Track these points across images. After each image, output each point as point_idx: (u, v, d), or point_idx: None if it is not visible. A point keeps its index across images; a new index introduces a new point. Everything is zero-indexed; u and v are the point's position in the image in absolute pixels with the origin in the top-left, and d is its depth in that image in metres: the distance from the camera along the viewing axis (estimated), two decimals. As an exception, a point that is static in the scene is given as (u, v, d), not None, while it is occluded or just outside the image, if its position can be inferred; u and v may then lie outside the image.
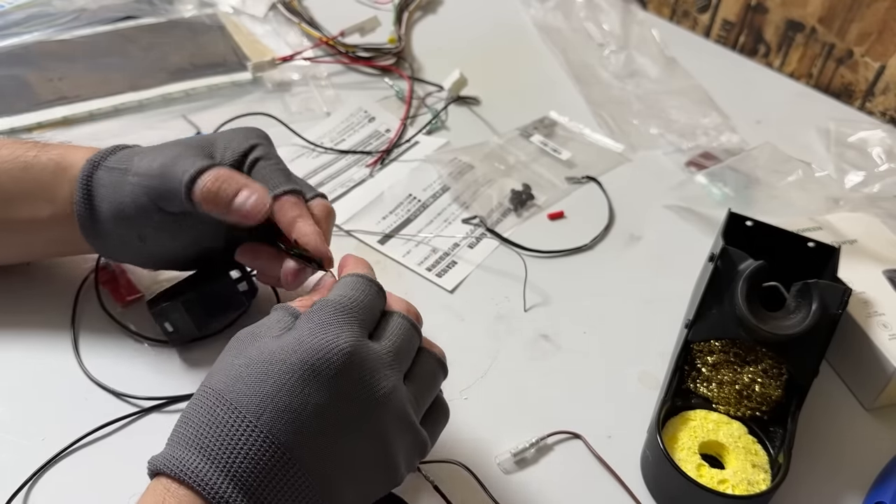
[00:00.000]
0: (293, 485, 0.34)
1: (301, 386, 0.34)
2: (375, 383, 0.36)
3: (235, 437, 0.33)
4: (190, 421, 0.35)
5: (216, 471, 0.33)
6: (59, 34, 0.72)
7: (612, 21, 0.86)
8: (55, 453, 0.44)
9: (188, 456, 0.33)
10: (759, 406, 0.49)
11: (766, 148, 0.71)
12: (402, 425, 0.37)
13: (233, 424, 0.33)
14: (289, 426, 0.34)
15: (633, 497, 0.47)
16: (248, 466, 0.33)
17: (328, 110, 0.72)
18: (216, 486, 0.32)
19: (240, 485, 0.33)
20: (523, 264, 0.59)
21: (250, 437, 0.33)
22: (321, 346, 0.35)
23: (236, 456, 0.33)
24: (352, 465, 0.35)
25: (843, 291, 0.49)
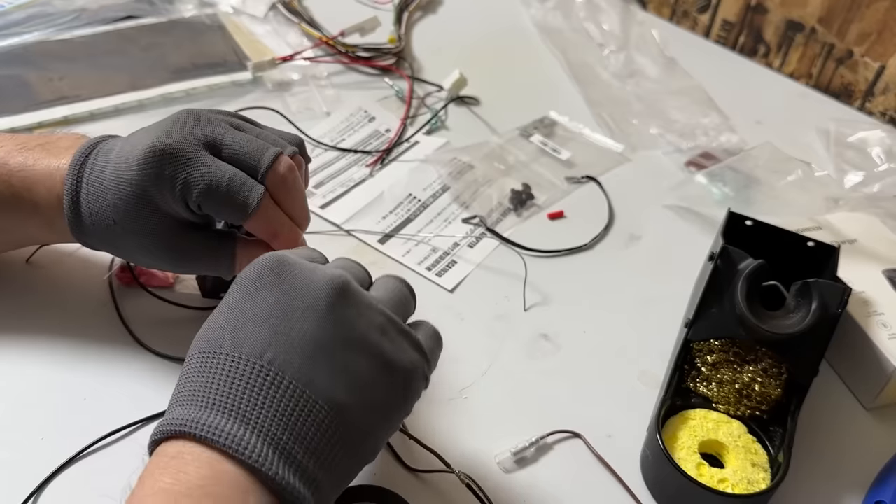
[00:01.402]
0: (314, 419, 0.33)
1: (300, 321, 0.34)
2: (361, 302, 0.36)
3: (250, 384, 0.32)
4: (193, 377, 0.33)
5: (240, 424, 0.31)
6: (60, 34, 0.72)
7: (611, 21, 0.86)
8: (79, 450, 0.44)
9: (208, 415, 0.31)
10: (759, 405, 0.49)
11: (765, 148, 0.71)
12: (377, 314, 0.36)
13: (244, 372, 0.32)
14: (294, 358, 0.33)
15: (632, 496, 0.47)
16: (269, 413, 0.32)
17: (328, 110, 0.72)
18: (245, 441, 0.31)
19: (261, 431, 0.31)
20: (523, 264, 0.59)
21: (262, 378, 0.32)
22: (310, 281, 0.35)
23: (258, 406, 0.32)
24: (358, 383, 0.34)
25: (842, 291, 0.50)
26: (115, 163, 0.43)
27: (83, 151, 0.44)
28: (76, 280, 0.53)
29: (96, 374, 0.48)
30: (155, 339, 0.50)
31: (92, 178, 0.43)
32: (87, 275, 0.53)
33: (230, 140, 0.43)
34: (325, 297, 0.35)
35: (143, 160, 0.41)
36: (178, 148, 0.42)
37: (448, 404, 0.50)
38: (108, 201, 0.43)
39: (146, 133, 0.43)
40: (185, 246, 0.45)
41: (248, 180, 0.42)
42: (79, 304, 0.52)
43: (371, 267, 0.59)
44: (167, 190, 0.42)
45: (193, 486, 0.30)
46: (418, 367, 0.37)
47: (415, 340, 0.38)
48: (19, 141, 0.46)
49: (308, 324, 0.34)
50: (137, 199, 0.42)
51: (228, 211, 0.43)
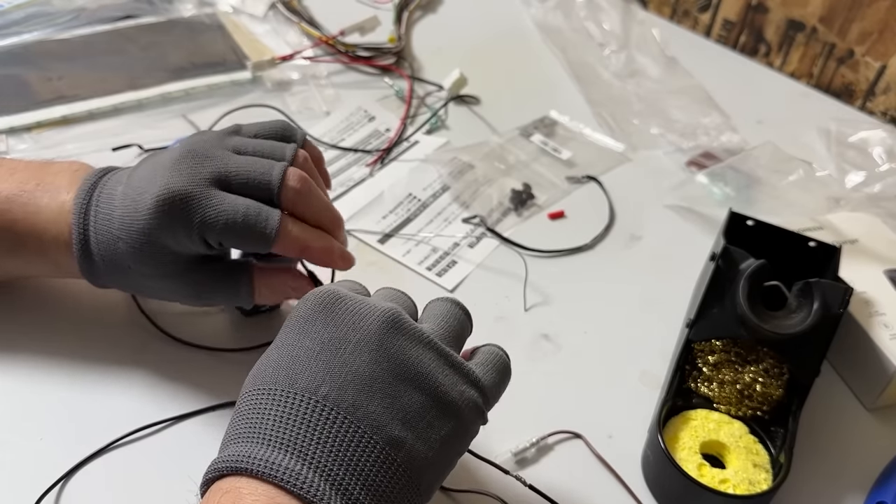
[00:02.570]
0: (369, 454, 0.32)
1: (353, 355, 0.34)
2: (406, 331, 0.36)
3: (306, 419, 0.32)
4: (247, 415, 0.33)
5: (297, 459, 0.31)
6: (59, 33, 0.72)
7: (612, 20, 0.86)
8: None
9: (264, 450, 0.31)
10: (761, 406, 0.48)
11: (766, 147, 0.70)
12: (429, 349, 0.35)
13: (300, 408, 0.32)
14: (347, 393, 0.33)
15: (633, 497, 0.46)
16: (325, 448, 0.31)
17: (328, 109, 0.72)
18: (303, 477, 0.30)
19: (318, 466, 0.31)
20: (524, 264, 0.59)
21: (318, 413, 0.32)
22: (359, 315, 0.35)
23: (315, 442, 0.31)
24: (412, 418, 0.34)
25: (844, 291, 0.49)
26: (122, 211, 0.42)
27: (84, 195, 0.44)
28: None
29: (120, 367, 0.49)
30: (181, 331, 0.51)
31: (99, 227, 0.43)
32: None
33: (235, 170, 0.43)
34: (377, 331, 0.34)
35: (154, 210, 0.41)
36: (188, 192, 0.41)
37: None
38: (121, 250, 0.42)
39: (149, 177, 0.42)
40: (203, 280, 0.45)
41: (262, 209, 0.42)
42: (94, 300, 0.52)
43: (371, 267, 0.59)
44: (182, 234, 0.42)
45: None
46: (473, 403, 0.36)
47: (469, 375, 0.37)
48: (18, 181, 0.45)
49: (361, 358, 0.34)
50: (151, 246, 0.42)
51: (251, 244, 0.43)
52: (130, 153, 0.63)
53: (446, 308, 0.40)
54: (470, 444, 0.37)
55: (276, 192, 0.43)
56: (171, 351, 0.50)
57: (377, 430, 0.32)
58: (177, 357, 0.50)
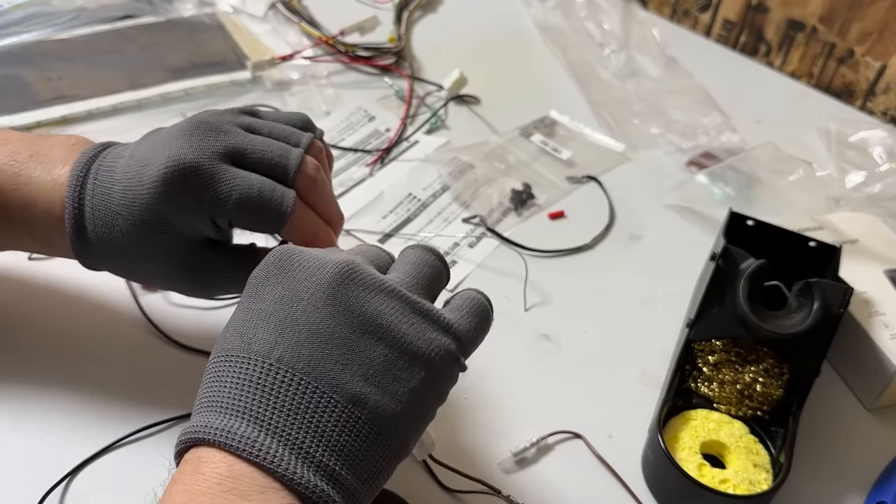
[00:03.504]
0: (331, 414, 0.31)
1: (305, 313, 0.33)
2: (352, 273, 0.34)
3: (261, 384, 0.31)
4: (209, 384, 0.33)
5: (254, 425, 0.30)
6: (58, 33, 0.72)
7: (612, 20, 0.86)
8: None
9: (222, 419, 0.31)
10: (761, 406, 0.48)
11: (766, 147, 0.70)
12: (390, 297, 0.34)
13: (255, 373, 0.32)
14: (302, 353, 0.32)
15: (633, 497, 0.46)
16: (283, 413, 0.31)
17: (328, 109, 0.72)
18: (258, 443, 0.30)
19: (276, 432, 0.30)
20: (524, 264, 0.59)
21: (272, 377, 0.31)
22: (313, 268, 0.34)
23: (271, 407, 0.31)
24: (375, 372, 0.33)
25: (844, 291, 0.49)
26: (124, 184, 0.39)
27: (81, 168, 0.41)
28: (87, 277, 0.53)
29: (121, 370, 0.49)
30: (182, 336, 0.51)
31: (97, 203, 0.40)
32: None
33: (251, 147, 0.41)
34: (329, 284, 0.33)
35: (161, 182, 0.38)
36: (199, 165, 0.39)
37: (448, 405, 0.49)
38: (120, 227, 0.40)
39: (155, 148, 0.40)
40: (205, 267, 0.42)
41: (277, 186, 0.40)
42: (96, 303, 0.52)
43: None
44: (189, 211, 0.39)
45: (211, 485, 0.29)
46: (445, 351, 0.34)
47: (440, 320, 0.35)
48: (9, 150, 0.42)
49: (315, 314, 0.32)
50: (154, 223, 0.39)
51: (263, 221, 0.40)
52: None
53: (417, 255, 0.38)
54: (448, 392, 0.36)
55: (292, 176, 0.41)
56: (170, 353, 0.50)
57: (336, 388, 0.31)
58: (176, 360, 0.50)
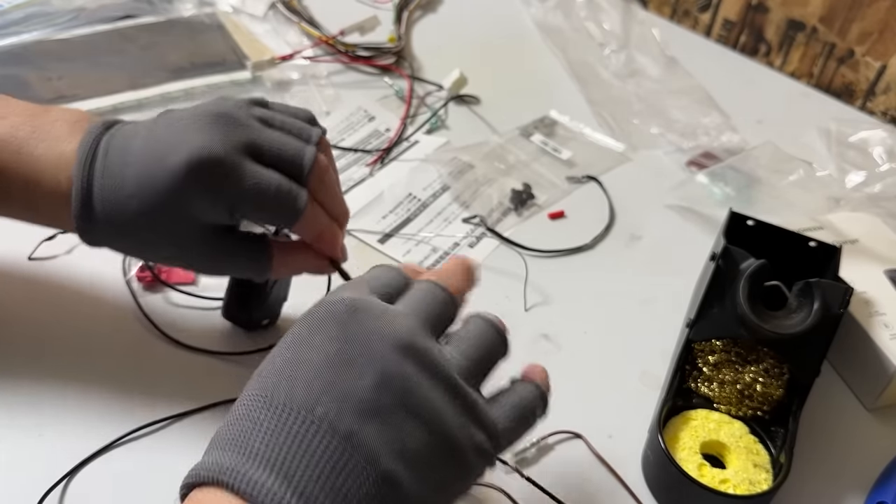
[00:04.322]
0: (360, 484, 0.29)
1: (358, 377, 0.31)
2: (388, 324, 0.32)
3: (297, 439, 0.29)
4: (240, 422, 0.31)
5: (281, 481, 0.28)
6: (58, 33, 0.72)
7: (612, 20, 0.86)
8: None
9: (248, 465, 0.29)
10: (761, 406, 0.48)
11: (767, 147, 0.70)
12: (443, 383, 0.32)
13: (293, 425, 0.30)
14: (345, 416, 0.30)
15: (633, 496, 0.46)
16: (314, 473, 0.29)
17: (328, 109, 0.72)
18: (280, 495, 0.28)
19: (302, 493, 0.28)
20: (524, 264, 0.59)
21: (311, 433, 0.29)
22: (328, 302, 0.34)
23: (303, 465, 0.29)
24: (412, 454, 0.31)
25: (844, 291, 0.49)
26: (142, 168, 0.39)
27: (89, 146, 0.40)
28: (86, 277, 0.53)
29: (122, 369, 0.49)
30: (182, 334, 0.51)
31: (107, 182, 0.39)
32: (101, 270, 0.53)
33: (269, 144, 0.41)
34: (389, 354, 0.31)
35: (186, 170, 0.38)
36: (224, 159, 0.39)
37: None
38: (132, 209, 0.39)
39: (177, 134, 0.40)
40: (218, 250, 0.42)
41: (292, 185, 0.41)
42: (96, 302, 0.52)
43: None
44: (209, 201, 0.39)
45: None
46: (480, 450, 0.33)
47: (483, 420, 0.33)
48: (9, 125, 0.41)
49: (366, 381, 0.31)
50: (171, 209, 0.39)
51: (277, 218, 0.42)
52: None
53: (480, 330, 0.36)
54: (472, 486, 0.34)
55: (306, 173, 0.41)
56: (170, 352, 0.50)
57: (372, 461, 0.29)
58: (176, 358, 0.50)
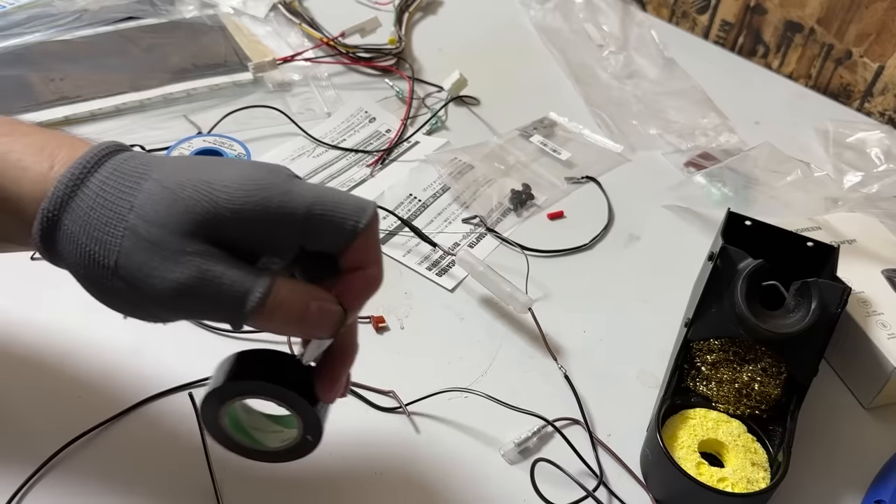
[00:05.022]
0: None
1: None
2: None
3: None
4: None
5: None
6: (61, 35, 0.72)
7: (611, 22, 0.87)
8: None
9: None
10: (759, 405, 0.49)
11: (764, 148, 0.71)
12: None
13: None
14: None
15: (633, 476, 0.47)
16: None
17: (329, 111, 0.72)
18: None
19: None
20: (525, 263, 0.59)
21: None
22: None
23: None
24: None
25: (842, 290, 0.50)
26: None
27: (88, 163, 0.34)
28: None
29: (132, 338, 0.49)
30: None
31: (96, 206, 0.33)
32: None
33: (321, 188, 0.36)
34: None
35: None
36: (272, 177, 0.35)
37: (448, 403, 0.50)
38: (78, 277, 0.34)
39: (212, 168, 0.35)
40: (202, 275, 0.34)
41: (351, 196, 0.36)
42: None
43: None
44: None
45: None
46: None
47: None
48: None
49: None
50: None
51: (335, 237, 0.35)
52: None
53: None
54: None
55: (368, 220, 0.36)
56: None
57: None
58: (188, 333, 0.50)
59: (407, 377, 0.46)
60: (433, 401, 0.50)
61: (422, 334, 0.54)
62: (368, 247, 0.36)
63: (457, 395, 0.50)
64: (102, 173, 0.34)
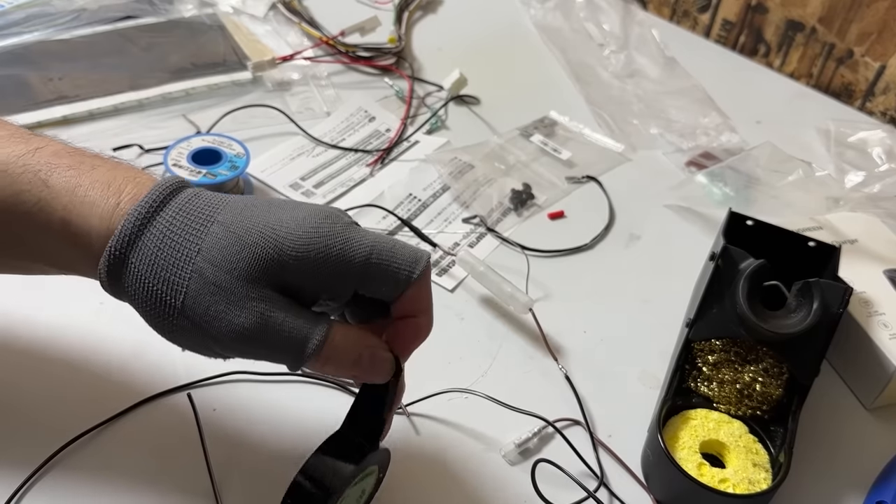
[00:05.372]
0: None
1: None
2: None
3: None
4: None
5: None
6: (59, 34, 0.72)
7: (611, 21, 0.87)
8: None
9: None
10: (760, 405, 0.49)
11: (766, 148, 0.71)
12: None
13: None
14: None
15: (633, 476, 0.47)
16: None
17: (328, 110, 0.72)
18: None
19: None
20: (526, 262, 0.59)
21: None
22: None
23: None
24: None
25: (843, 290, 0.49)
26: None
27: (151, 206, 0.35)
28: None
29: (132, 339, 0.49)
30: None
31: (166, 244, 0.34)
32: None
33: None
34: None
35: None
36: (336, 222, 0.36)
37: (448, 404, 0.50)
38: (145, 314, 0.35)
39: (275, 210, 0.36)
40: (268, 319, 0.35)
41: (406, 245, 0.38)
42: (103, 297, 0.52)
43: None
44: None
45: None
46: None
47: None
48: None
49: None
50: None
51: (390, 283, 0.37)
52: (131, 153, 0.63)
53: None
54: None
55: (423, 269, 0.37)
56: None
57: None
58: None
59: (406, 378, 0.46)
60: (433, 401, 0.49)
61: (422, 334, 0.54)
62: (420, 296, 0.38)
63: (457, 395, 0.50)
64: (169, 213, 0.34)
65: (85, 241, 0.35)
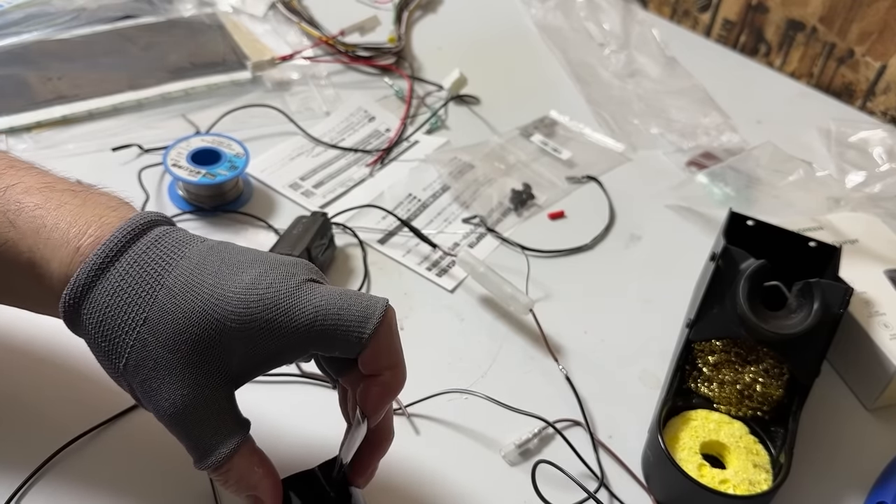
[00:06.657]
0: None
1: None
2: None
3: None
4: None
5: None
6: (58, 33, 0.72)
7: (612, 20, 0.86)
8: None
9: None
10: (761, 406, 0.49)
11: (766, 147, 0.70)
12: None
13: None
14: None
15: (634, 478, 0.46)
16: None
17: (328, 110, 0.72)
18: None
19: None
20: (526, 263, 0.59)
21: None
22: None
23: None
24: None
25: (844, 291, 0.49)
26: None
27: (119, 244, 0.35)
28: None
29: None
30: None
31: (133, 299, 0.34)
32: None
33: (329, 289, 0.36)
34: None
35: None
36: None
37: (449, 405, 0.50)
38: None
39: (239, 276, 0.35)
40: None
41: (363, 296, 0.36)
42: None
43: (371, 267, 0.59)
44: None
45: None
46: None
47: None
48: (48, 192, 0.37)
49: None
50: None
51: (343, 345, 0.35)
52: (130, 153, 0.63)
53: None
54: None
55: (379, 319, 0.36)
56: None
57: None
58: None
59: (406, 378, 0.46)
60: (433, 402, 0.49)
61: (421, 335, 0.54)
62: (380, 353, 0.36)
63: (457, 396, 0.50)
64: (123, 265, 0.34)
65: (48, 284, 0.35)
